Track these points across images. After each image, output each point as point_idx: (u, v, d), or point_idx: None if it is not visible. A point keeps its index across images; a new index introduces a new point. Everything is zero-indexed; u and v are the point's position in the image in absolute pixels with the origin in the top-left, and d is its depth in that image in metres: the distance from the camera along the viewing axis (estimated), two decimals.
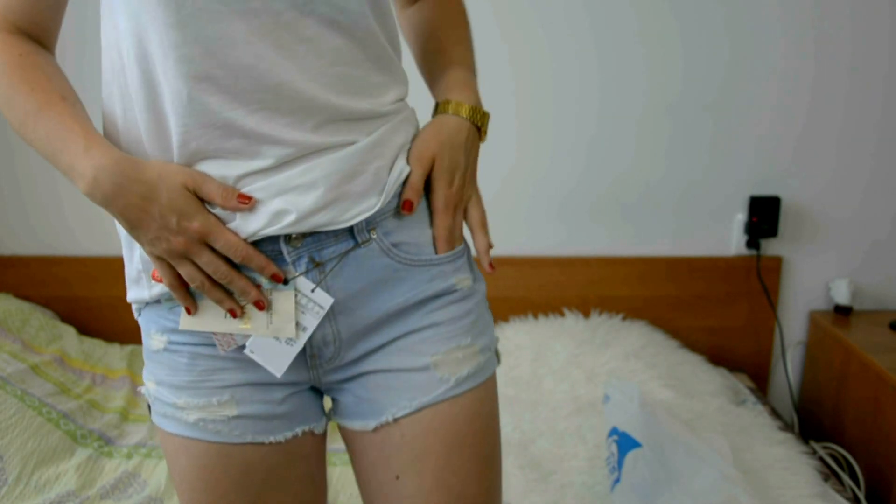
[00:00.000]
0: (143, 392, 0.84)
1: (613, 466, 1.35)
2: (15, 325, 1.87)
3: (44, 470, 1.51)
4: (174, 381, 0.78)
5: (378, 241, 0.76)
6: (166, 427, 0.79)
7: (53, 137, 0.68)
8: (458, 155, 0.80)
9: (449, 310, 0.81)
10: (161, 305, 0.77)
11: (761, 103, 1.91)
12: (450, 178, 0.80)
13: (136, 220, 0.68)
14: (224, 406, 0.77)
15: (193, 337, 0.77)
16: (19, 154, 2.01)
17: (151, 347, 0.79)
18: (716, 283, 2.00)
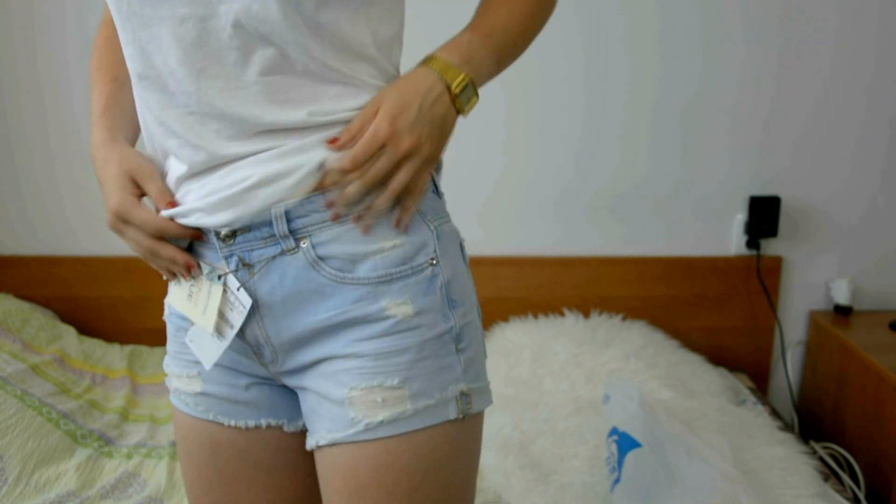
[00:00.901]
0: None
1: (613, 466, 1.35)
2: (15, 325, 1.87)
3: (44, 470, 1.51)
4: (168, 348, 0.85)
5: (305, 251, 0.72)
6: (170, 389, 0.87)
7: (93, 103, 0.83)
8: (409, 99, 0.71)
9: (378, 342, 0.72)
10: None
11: (761, 103, 1.91)
12: (390, 115, 0.69)
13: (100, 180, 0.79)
14: (192, 380, 0.82)
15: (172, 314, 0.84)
16: (19, 154, 2.01)
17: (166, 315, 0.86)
18: (716, 283, 2.00)
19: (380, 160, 0.70)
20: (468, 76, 0.74)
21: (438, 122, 0.72)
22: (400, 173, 0.71)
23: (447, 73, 0.73)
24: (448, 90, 0.73)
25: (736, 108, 1.92)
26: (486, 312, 1.89)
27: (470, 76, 0.74)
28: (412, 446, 0.72)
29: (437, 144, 0.73)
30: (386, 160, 0.70)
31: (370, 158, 0.70)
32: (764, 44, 1.88)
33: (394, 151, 0.70)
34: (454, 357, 0.75)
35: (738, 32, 1.87)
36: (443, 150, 0.74)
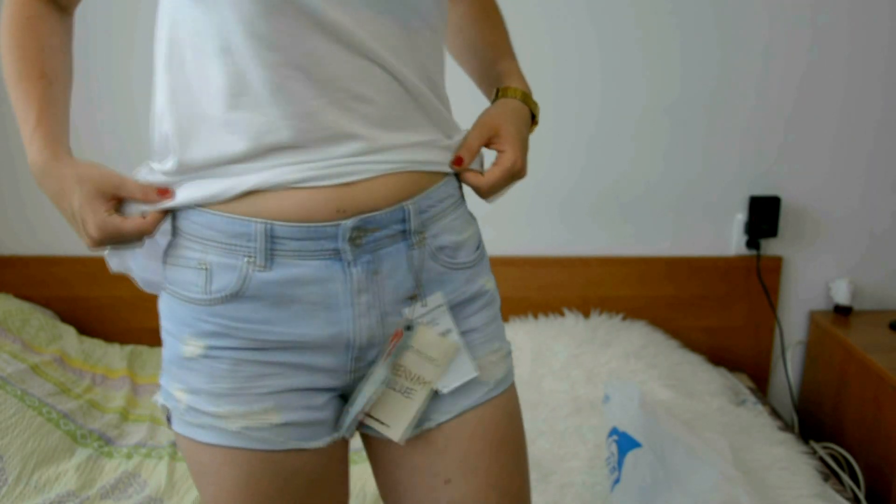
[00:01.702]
0: (160, 402, 0.79)
1: (613, 466, 1.35)
2: (15, 325, 1.87)
3: (44, 470, 1.51)
4: (214, 388, 0.74)
5: (428, 243, 0.77)
6: (203, 438, 0.75)
7: (19, 111, 0.75)
8: (524, 132, 0.84)
9: (483, 314, 0.83)
10: (196, 306, 0.74)
11: (761, 103, 1.91)
12: (523, 153, 0.82)
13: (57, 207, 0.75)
14: (268, 413, 0.75)
15: (235, 341, 0.74)
16: (19, 154, 2.01)
17: (183, 354, 0.75)
18: (716, 283, 2.00)
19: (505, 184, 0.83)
20: (537, 102, 0.88)
21: (528, 143, 0.85)
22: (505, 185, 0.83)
23: (528, 101, 0.86)
24: (532, 118, 0.87)
25: (736, 109, 1.92)
26: None
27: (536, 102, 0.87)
28: (514, 392, 0.87)
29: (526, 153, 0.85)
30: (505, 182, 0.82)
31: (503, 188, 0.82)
32: (764, 45, 1.87)
33: (515, 177, 0.82)
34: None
35: (738, 33, 1.87)
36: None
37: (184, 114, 0.71)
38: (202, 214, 0.72)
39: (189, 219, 0.74)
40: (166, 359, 0.78)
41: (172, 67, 0.71)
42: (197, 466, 0.78)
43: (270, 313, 0.73)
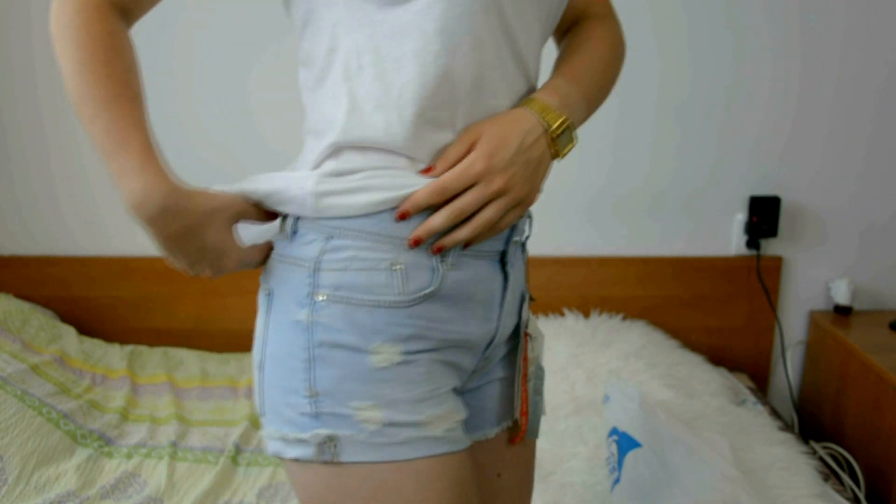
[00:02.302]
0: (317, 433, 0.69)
1: (613, 466, 1.35)
2: (15, 325, 1.86)
3: (44, 470, 1.51)
4: (412, 395, 0.70)
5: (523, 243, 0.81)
6: (408, 454, 0.69)
7: (113, 138, 0.66)
8: (508, 137, 0.71)
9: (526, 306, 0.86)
10: (392, 310, 0.70)
11: (761, 104, 1.91)
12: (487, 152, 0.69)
13: (174, 247, 0.68)
14: (458, 411, 0.74)
15: (429, 342, 0.71)
16: (16, 155, 2.01)
17: (372, 365, 0.69)
18: (716, 283, 2.00)
19: (469, 194, 0.70)
20: (568, 119, 0.75)
21: (533, 164, 0.72)
22: (486, 211, 0.71)
23: (547, 115, 0.73)
24: (546, 133, 0.73)
25: (736, 108, 1.92)
26: None
27: (569, 120, 0.75)
28: None
29: (529, 187, 0.73)
30: (474, 196, 0.70)
31: (459, 192, 0.70)
32: (765, 45, 1.87)
33: (484, 189, 0.70)
34: None
35: (740, 32, 1.87)
36: (537, 192, 0.75)
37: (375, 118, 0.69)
38: (390, 213, 0.69)
39: (371, 219, 0.69)
40: (327, 382, 0.69)
41: (352, 76, 0.69)
42: (399, 488, 0.69)
43: (451, 312, 0.73)
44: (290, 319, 0.71)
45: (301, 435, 0.69)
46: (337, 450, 0.68)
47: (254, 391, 0.76)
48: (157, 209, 0.65)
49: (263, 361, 0.73)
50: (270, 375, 0.72)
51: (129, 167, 0.65)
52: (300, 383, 0.69)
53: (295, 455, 0.70)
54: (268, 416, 0.73)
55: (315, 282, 0.70)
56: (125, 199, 0.66)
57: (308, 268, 0.70)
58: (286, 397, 0.70)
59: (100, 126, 0.66)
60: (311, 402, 0.69)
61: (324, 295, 0.69)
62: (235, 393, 1.87)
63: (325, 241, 0.70)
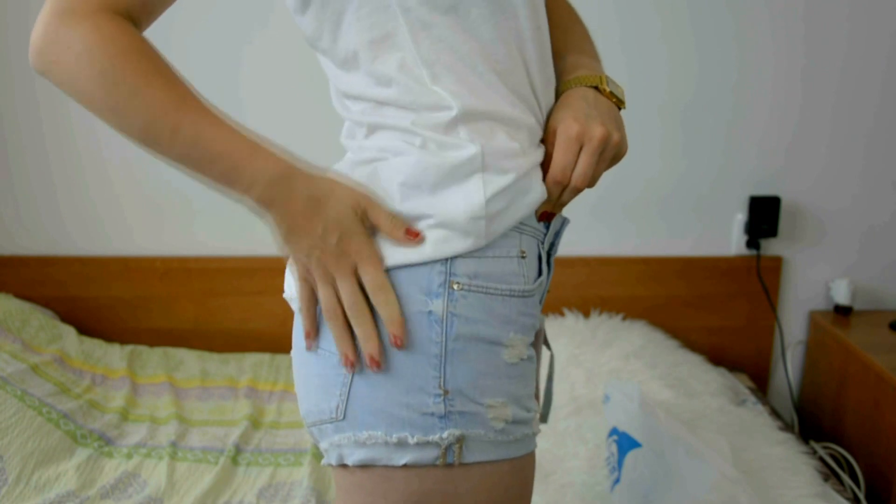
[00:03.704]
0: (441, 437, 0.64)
1: (613, 466, 1.35)
2: (15, 325, 1.86)
3: (44, 470, 1.51)
4: (529, 391, 0.69)
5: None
6: (519, 451, 0.68)
7: (207, 139, 0.62)
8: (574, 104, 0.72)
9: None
10: (521, 299, 0.68)
11: (761, 104, 1.91)
12: (571, 116, 0.71)
13: (296, 227, 0.64)
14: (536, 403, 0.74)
15: (530, 335, 0.69)
16: (15, 155, 2.01)
17: (508, 359, 0.66)
18: (716, 283, 2.00)
19: (582, 159, 0.70)
20: (603, 74, 0.76)
21: (610, 112, 0.73)
22: (599, 166, 0.72)
23: (585, 80, 0.75)
24: (598, 90, 0.75)
25: (736, 109, 1.92)
26: None
27: (604, 74, 0.76)
28: None
29: (621, 133, 0.73)
30: (587, 156, 0.70)
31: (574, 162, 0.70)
32: (765, 45, 1.87)
33: (590, 143, 0.69)
34: None
35: (739, 33, 1.87)
36: (626, 142, 0.74)
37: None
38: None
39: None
40: (473, 373, 0.65)
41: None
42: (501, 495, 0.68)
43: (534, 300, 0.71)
44: (414, 310, 0.64)
45: (427, 437, 0.64)
46: (464, 451, 0.64)
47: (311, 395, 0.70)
48: (280, 188, 0.63)
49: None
50: (376, 374, 0.65)
51: (241, 157, 0.62)
52: (430, 381, 0.64)
53: (409, 460, 0.64)
54: (354, 420, 0.66)
55: (450, 270, 0.65)
56: (245, 188, 0.63)
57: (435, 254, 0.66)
58: (404, 397, 0.64)
59: (187, 135, 0.61)
60: (442, 400, 0.64)
61: (459, 284, 0.65)
62: (235, 393, 1.87)
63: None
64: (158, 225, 2.04)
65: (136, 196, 2.02)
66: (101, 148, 1.98)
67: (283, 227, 0.64)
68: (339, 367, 0.66)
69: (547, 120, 0.74)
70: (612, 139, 0.70)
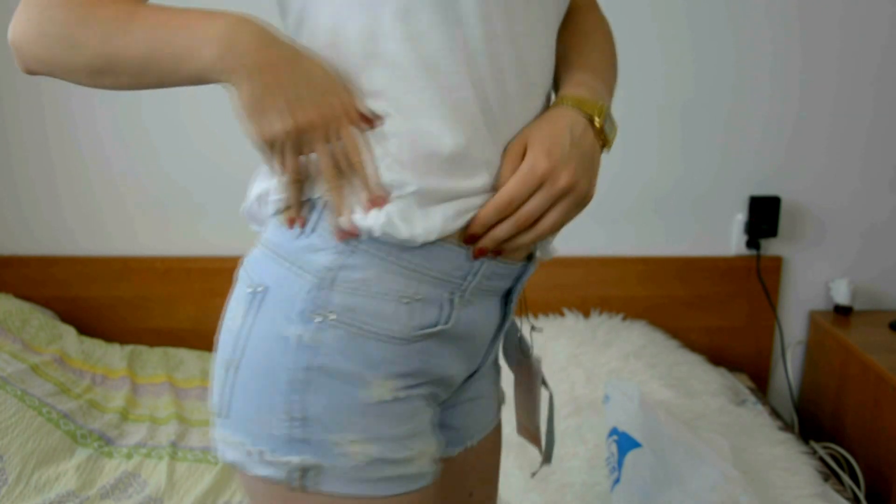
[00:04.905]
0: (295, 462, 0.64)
1: (613, 466, 1.35)
2: (15, 325, 1.86)
3: (44, 470, 1.51)
4: (400, 432, 0.66)
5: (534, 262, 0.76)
6: (388, 490, 0.66)
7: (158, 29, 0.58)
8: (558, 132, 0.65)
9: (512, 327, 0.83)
10: (394, 345, 0.64)
11: (761, 104, 1.91)
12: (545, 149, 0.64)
13: (273, 82, 0.58)
14: (436, 443, 0.71)
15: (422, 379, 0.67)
16: (18, 153, 2.01)
17: (366, 399, 0.64)
18: (716, 283, 2.00)
19: (535, 198, 0.64)
20: (605, 106, 0.70)
21: (588, 155, 0.67)
22: (552, 213, 0.66)
23: (584, 106, 0.69)
24: (591, 123, 0.69)
25: (736, 108, 1.92)
26: None
27: (606, 105, 0.71)
28: None
29: (590, 181, 0.67)
30: (542, 198, 0.64)
31: (526, 198, 0.64)
32: (765, 44, 1.87)
33: (551, 188, 0.64)
34: None
35: (739, 33, 1.87)
36: (594, 188, 0.69)
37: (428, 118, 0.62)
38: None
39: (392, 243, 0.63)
40: (316, 407, 0.63)
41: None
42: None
43: (452, 349, 0.69)
44: (278, 332, 0.63)
45: (280, 458, 0.63)
46: (319, 479, 0.64)
47: (213, 385, 0.69)
48: (249, 36, 0.58)
49: (239, 364, 0.65)
50: (246, 383, 0.65)
51: (196, 27, 0.58)
52: (280, 404, 0.63)
53: (264, 474, 0.65)
54: (232, 421, 0.66)
55: (324, 298, 0.63)
56: (212, 50, 0.57)
57: (315, 281, 0.63)
58: (261, 414, 0.64)
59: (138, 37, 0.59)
60: (295, 425, 0.63)
61: (333, 315, 0.62)
62: None
63: (345, 254, 0.63)
64: (159, 225, 2.04)
65: (137, 196, 2.02)
66: (104, 148, 1.98)
67: (259, 80, 0.58)
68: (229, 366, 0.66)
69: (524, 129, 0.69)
70: (577, 190, 0.66)
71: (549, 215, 0.66)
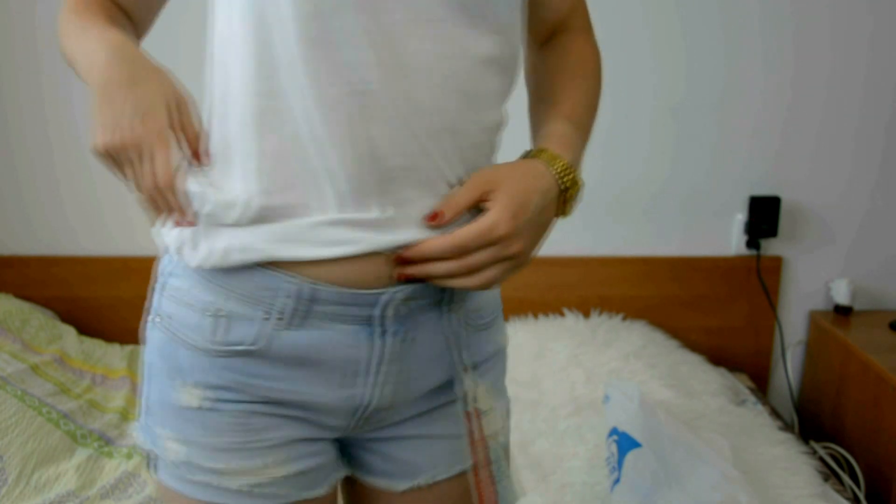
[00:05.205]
0: (142, 444, 0.72)
1: (613, 466, 1.35)
2: (15, 325, 1.86)
3: (44, 470, 1.51)
4: (215, 442, 0.67)
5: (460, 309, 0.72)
6: (197, 495, 0.68)
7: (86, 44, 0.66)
8: (530, 197, 0.65)
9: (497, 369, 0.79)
10: (201, 356, 0.67)
11: (761, 104, 1.91)
12: (512, 212, 0.64)
13: (106, 100, 0.61)
14: (274, 467, 0.69)
15: (245, 395, 0.67)
16: (19, 154, 2.01)
17: (179, 401, 0.68)
18: (716, 283, 2.00)
19: (482, 254, 0.64)
20: (581, 181, 0.70)
21: (543, 227, 0.68)
22: (491, 270, 0.65)
23: (565, 175, 0.68)
24: (561, 194, 0.69)
25: (736, 109, 1.92)
26: None
27: (580, 178, 0.70)
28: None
29: (534, 250, 0.68)
30: (489, 256, 0.64)
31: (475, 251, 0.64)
32: (765, 44, 1.87)
33: (502, 251, 0.64)
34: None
35: (739, 32, 1.87)
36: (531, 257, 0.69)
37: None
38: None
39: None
40: (152, 398, 0.70)
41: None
42: None
43: (287, 372, 0.67)
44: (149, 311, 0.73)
45: (140, 442, 0.73)
46: (157, 467, 0.71)
47: None
48: (111, 52, 0.63)
49: None
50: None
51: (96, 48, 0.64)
52: (141, 392, 0.73)
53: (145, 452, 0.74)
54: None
55: (157, 301, 0.71)
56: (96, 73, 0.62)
57: (157, 283, 0.71)
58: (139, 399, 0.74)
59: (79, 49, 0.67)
60: (144, 412, 0.72)
61: (158, 318, 0.70)
62: None
63: (174, 262, 0.70)
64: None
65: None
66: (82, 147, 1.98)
67: (101, 91, 0.61)
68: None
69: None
70: (521, 258, 0.66)
71: (485, 272, 0.65)
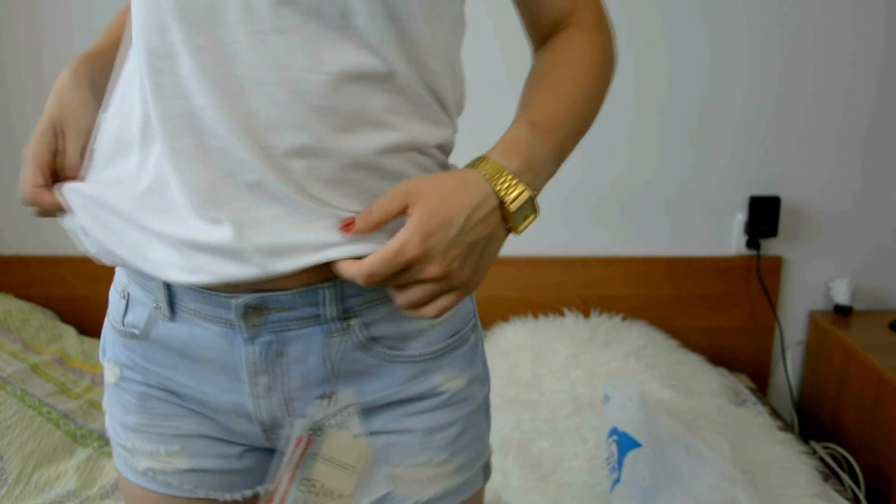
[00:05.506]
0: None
1: (613, 466, 1.35)
2: (15, 325, 1.87)
3: (44, 470, 1.51)
4: (125, 420, 0.71)
5: (355, 332, 0.63)
6: (119, 467, 0.74)
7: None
8: (450, 214, 0.57)
9: (428, 417, 0.67)
10: (115, 330, 0.71)
11: (761, 103, 1.91)
12: (423, 233, 0.56)
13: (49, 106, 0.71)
14: (174, 457, 0.69)
15: (146, 377, 0.68)
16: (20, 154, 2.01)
17: (106, 377, 0.73)
18: (716, 283, 2.00)
19: (399, 278, 0.58)
20: (528, 189, 0.61)
21: (480, 245, 0.60)
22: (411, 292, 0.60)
23: (503, 183, 0.60)
24: (502, 206, 0.60)
25: (735, 109, 1.92)
26: (485, 313, 1.89)
27: (530, 188, 0.62)
28: None
29: (472, 270, 0.60)
30: (405, 279, 0.59)
31: (390, 277, 0.58)
32: (764, 44, 1.87)
33: (416, 274, 0.58)
34: (485, 424, 0.73)
35: (739, 32, 1.87)
36: (484, 274, 0.62)
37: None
38: None
39: None
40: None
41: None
42: (122, 493, 0.75)
43: (175, 361, 0.67)
44: None
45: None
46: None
47: None
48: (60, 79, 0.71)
49: None
50: None
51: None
52: None
53: None
54: None
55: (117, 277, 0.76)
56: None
57: None
58: None
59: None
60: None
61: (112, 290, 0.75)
62: None
63: None
64: None
65: None
66: None
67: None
68: None
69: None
70: (449, 281, 0.58)
71: (408, 292, 0.59)
